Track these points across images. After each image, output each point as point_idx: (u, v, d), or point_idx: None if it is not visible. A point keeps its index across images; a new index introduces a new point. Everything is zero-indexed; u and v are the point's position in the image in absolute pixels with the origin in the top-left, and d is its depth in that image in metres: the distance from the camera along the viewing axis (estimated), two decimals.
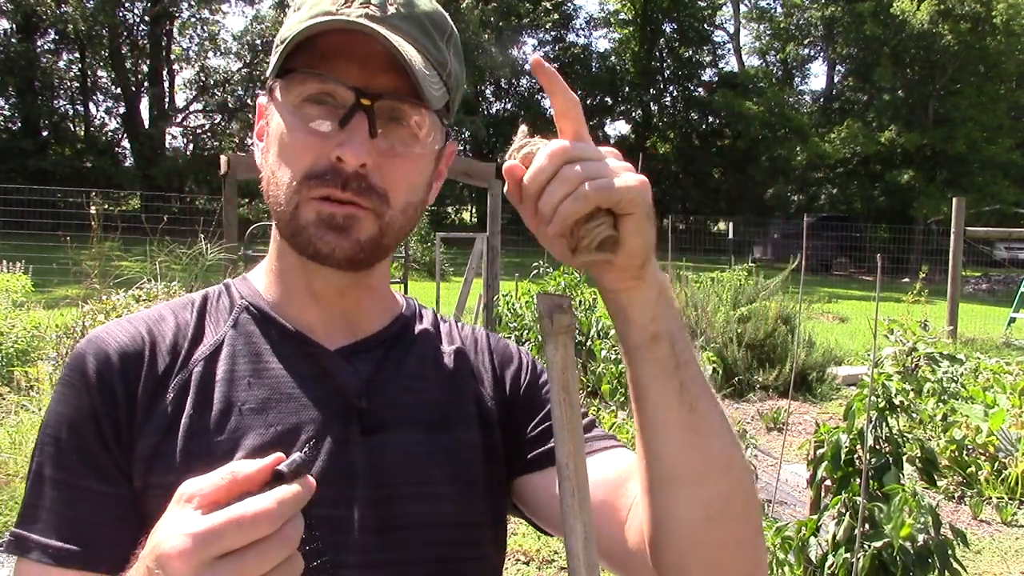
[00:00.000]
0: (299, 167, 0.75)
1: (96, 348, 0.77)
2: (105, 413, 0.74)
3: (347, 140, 0.73)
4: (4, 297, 7.00)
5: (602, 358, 5.63)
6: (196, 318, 0.83)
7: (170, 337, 0.80)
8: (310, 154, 0.75)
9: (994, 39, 26.90)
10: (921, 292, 9.79)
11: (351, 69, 0.74)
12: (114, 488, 0.74)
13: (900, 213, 28.32)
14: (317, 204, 0.75)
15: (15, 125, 27.80)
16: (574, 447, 0.63)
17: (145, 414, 0.75)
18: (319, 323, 0.83)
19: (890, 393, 2.73)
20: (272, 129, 0.79)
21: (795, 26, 34.77)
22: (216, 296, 0.86)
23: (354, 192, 0.74)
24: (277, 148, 0.77)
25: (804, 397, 7.64)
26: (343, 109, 0.74)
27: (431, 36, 0.78)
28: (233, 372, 0.78)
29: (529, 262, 8.91)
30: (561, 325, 0.63)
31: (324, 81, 0.74)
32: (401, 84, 0.74)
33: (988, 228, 17.51)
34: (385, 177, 0.76)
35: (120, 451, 0.74)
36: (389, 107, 0.75)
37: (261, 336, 0.81)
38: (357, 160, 0.73)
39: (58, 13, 25.56)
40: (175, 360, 0.78)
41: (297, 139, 0.75)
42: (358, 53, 0.74)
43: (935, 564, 2.53)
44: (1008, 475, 5.01)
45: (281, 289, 0.84)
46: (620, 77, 36.95)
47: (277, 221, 0.80)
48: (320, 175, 0.74)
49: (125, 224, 7.19)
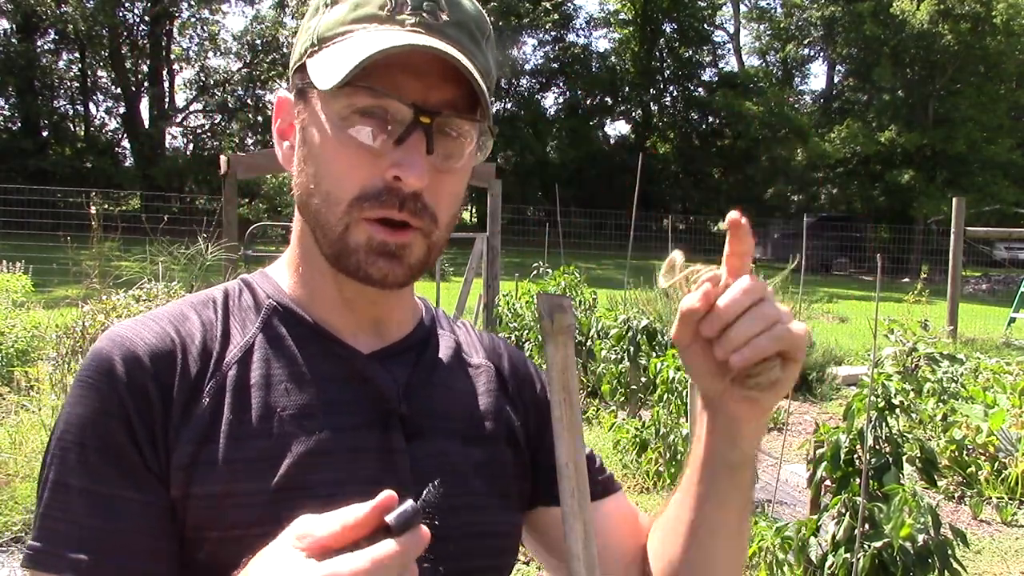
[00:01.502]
0: (351, 186, 0.72)
1: (123, 348, 0.72)
2: (138, 416, 0.69)
3: (406, 159, 0.70)
4: (4, 297, 7.01)
5: (602, 358, 5.63)
6: (221, 317, 0.78)
7: (199, 338, 0.75)
8: (363, 172, 0.71)
9: (994, 39, 26.91)
10: (921, 292, 9.80)
11: (408, 82, 0.70)
12: (151, 496, 0.69)
13: (900, 213, 28.34)
14: (369, 227, 0.72)
15: (15, 125, 27.82)
16: (574, 447, 0.64)
17: (181, 420, 0.70)
18: (347, 327, 0.80)
19: (890, 393, 2.73)
20: (313, 140, 0.74)
21: (795, 26, 34.78)
22: (237, 293, 0.82)
23: (410, 213, 0.72)
24: (321, 162, 0.73)
25: (804, 397, 7.64)
26: (398, 125, 0.71)
27: (478, 42, 0.76)
28: (269, 376, 0.75)
29: (529, 262, 8.91)
30: (561, 325, 0.63)
31: (378, 96, 0.70)
32: (457, 97, 0.72)
33: (988, 228, 17.52)
34: (435, 195, 0.74)
35: (155, 457, 0.69)
36: (443, 122, 0.72)
37: (292, 338, 0.78)
38: (420, 182, 0.70)
39: (58, 13, 25.58)
40: (207, 362, 0.74)
41: (346, 155, 0.72)
42: (413, 64, 0.70)
43: (935, 564, 2.53)
44: (1008, 475, 5.01)
45: (308, 291, 0.81)
46: (620, 77, 36.94)
47: (322, 238, 0.75)
48: (376, 196, 0.71)
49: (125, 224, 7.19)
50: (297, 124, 0.77)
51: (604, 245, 18.67)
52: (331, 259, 0.76)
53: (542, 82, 37.39)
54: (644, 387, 5.40)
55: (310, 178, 0.75)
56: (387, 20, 0.72)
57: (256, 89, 31.23)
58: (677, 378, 4.19)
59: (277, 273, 0.84)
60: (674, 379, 4.21)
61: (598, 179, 33.84)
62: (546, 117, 36.47)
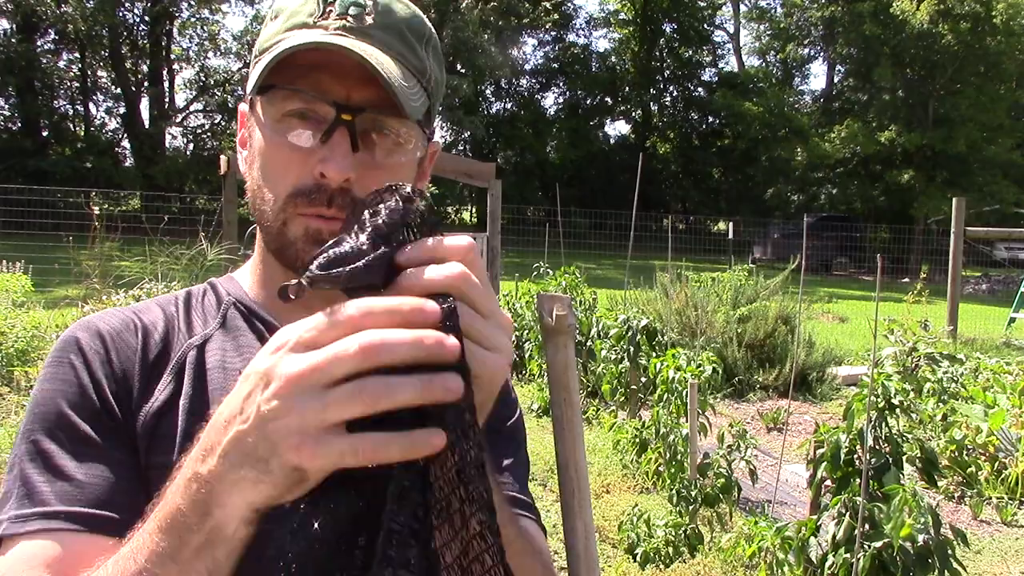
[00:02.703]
0: (284, 184, 0.76)
1: (89, 328, 0.78)
2: (107, 385, 0.74)
3: (329, 156, 0.73)
4: (4, 297, 7.00)
5: (602, 358, 5.63)
6: (183, 312, 0.85)
7: (161, 325, 0.82)
8: (294, 171, 0.75)
9: (994, 39, 26.89)
10: (921, 292, 9.80)
11: (331, 83, 0.74)
12: (129, 457, 0.73)
13: (900, 213, 28.33)
14: (305, 219, 0.76)
15: (15, 125, 27.81)
16: (574, 447, 0.64)
17: (141, 394, 0.75)
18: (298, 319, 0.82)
19: (890, 393, 2.73)
20: (255, 143, 0.80)
21: (795, 26, 34.75)
22: (201, 293, 0.88)
23: (339, 208, 0.74)
24: (261, 163, 0.79)
25: (804, 397, 7.64)
26: (325, 124, 0.74)
27: (410, 44, 0.78)
28: (225, 363, 0.79)
29: (529, 262, 8.91)
30: (562, 325, 0.63)
31: (304, 98, 0.74)
32: (381, 96, 0.74)
33: (988, 228, 17.51)
34: (368, 189, 0.74)
35: (125, 423, 0.74)
36: (370, 120, 0.76)
37: (249, 332, 0.83)
38: (340, 175, 0.73)
39: (58, 13, 25.54)
40: (167, 347, 0.80)
41: (280, 156, 0.76)
42: (337, 66, 0.74)
43: (935, 564, 2.53)
44: (1008, 475, 5.01)
45: (266, 290, 0.86)
46: (620, 77, 36.96)
47: (264, 235, 0.81)
48: (306, 193, 0.75)
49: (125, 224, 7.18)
50: (247, 132, 0.83)
51: (604, 245, 18.65)
52: (275, 254, 0.80)
53: (542, 82, 37.40)
54: (644, 387, 5.40)
55: (255, 181, 0.80)
56: (313, 27, 0.75)
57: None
58: (677, 378, 4.19)
59: (241, 276, 0.91)
60: (674, 379, 4.20)
61: (598, 179, 33.86)
62: (546, 117, 36.49)
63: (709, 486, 3.77)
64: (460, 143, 34.40)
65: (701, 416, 4.00)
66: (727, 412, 6.85)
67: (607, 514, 4.29)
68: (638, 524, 3.75)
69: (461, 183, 20.57)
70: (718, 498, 3.78)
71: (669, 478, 4.09)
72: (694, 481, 3.79)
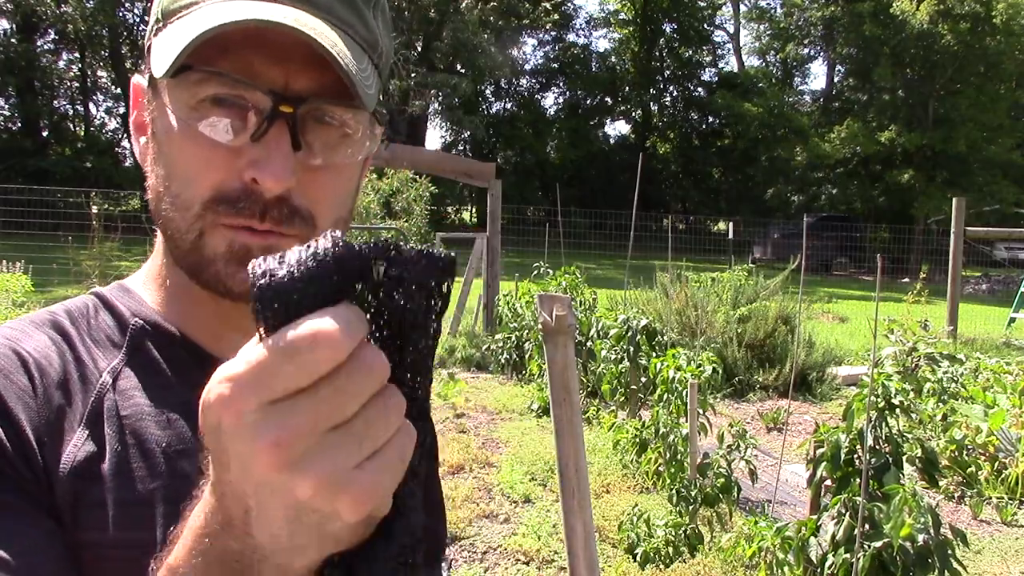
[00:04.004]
0: (202, 188, 0.61)
1: None
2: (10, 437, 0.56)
3: (264, 158, 0.59)
4: (4, 297, 7.01)
5: (602, 358, 5.63)
6: (77, 338, 0.66)
7: (55, 359, 0.63)
8: (215, 173, 0.60)
9: (994, 39, 26.91)
10: (921, 292, 9.80)
11: (265, 66, 0.59)
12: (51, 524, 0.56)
13: (900, 213, 28.35)
14: (228, 232, 0.61)
15: (15, 125, 27.83)
16: (574, 447, 0.63)
17: (50, 452, 0.58)
18: (226, 345, 0.66)
19: (890, 393, 2.73)
20: (160, 132, 0.63)
21: (795, 26, 34.79)
22: (92, 311, 0.69)
23: (274, 221, 0.61)
24: (168, 159, 0.63)
25: (804, 397, 7.65)
26: (254, 113, 0.60)
27: (358, 10, 0.64)
28: (148, 405, 0.64)
29: (529, 262, 8.91)
30: (561, 325, 0.63)
31: (230, 83, 0.59)
32: (326, 80, 0.60)
33: (988, 228, 17.53)
34: (310, 196, 0.62)
35: (39, 488, 0.57)
36: (313, 109, 0.61)
37: (166, 361, 0.67)
38: (279, 185, 0.59)
39: (58, 13, 25.55)
40: (68, 388, 0.62)
41: (197, 152, 0.61)
42: (272, 43, 0.59)
43: (935, 564, 2.53)
44: (1008, 475, 5.01)
45: (178, 306, 0.69)
46: (620, 77, 36.99)
47: (174, 249, 0.65)
48: (232, 201, 0.60)
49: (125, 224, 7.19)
50: (148, 117, 0.66)
51: (604, 245, 18.67)
52: (189, 273, 0.65)
53: (542, 82, 37.44)
54: (644, 387, 5.40)
55: (160, 179, 0.64)
56: None
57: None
58: (677, 378, 4.19)
59: (139, 286, 0.72)
60: (674, 379, 4.20)
61: (598, 179, 33.89)
62: (546, 117, 36.52)
63: (709, 486, 3.77)
64: (460, 143, 34.45)
65: (701, 416, 4.00)
66: (727, 412, 6.85)
67: (607, 514, 4.29)
68: (638, 524, 3.75)
69: (461, 183, 20.58)
70: (718, 498, 3.78)
71: (669, 478, 4.09)
72: (694, 481, 3.79)
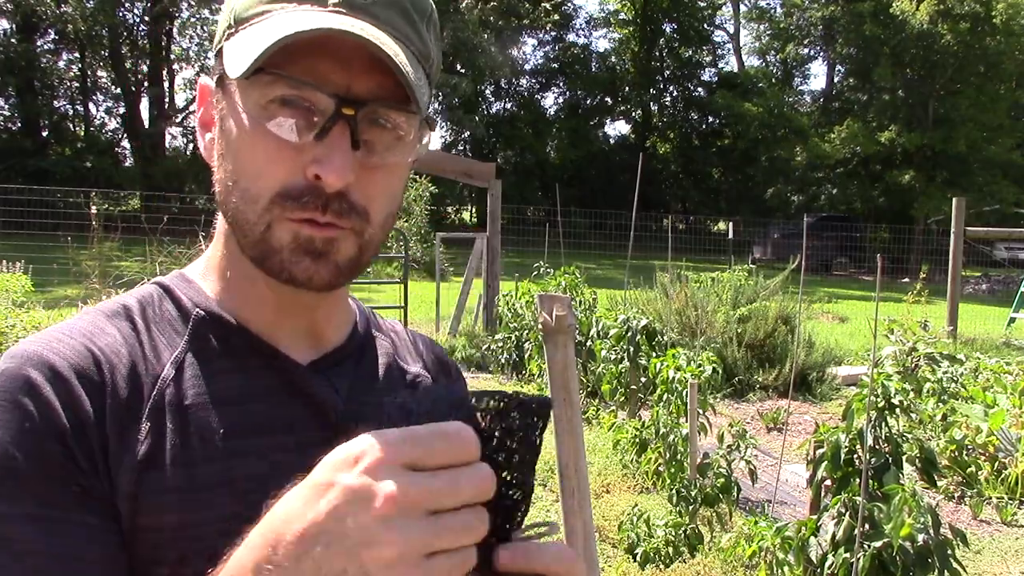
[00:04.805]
0: (270, 183, 0.66)
1: (40, 364, 0.63)
2: (74, 435, 0.61)
3: (326, 156, 0.64)
4: (4, 297, 7.00)
5: (602, 358, 5.63)
6: (143, 329, 0.71)
7: (125, 354, 0.68)
8: (282, 169, 0.66)
9: (994, 39, 26.90)
10: (921, 292, 9.80)
11: (330, 70, 0.65)
12: (106, 522, 0.61)
13: (900, 213, 28.34)
14: (294, 225, 0.67)
15: (15, 125, 27.82)
16: (574, 447, 0.63)
17: (118, 446, 0.63)
18: (282, 335, 0.74)
19: (890, 393, 2.73)
20: (228, 130, 0.69)
21: (795, 26, 34.77)
22: (156, 301, 0.74)
23: (335, 214, 0.66)
24: (238, 156, 0.68)
25: (804, 397, 7.65)
26: (319, 116, 0.65)
27: (414, 23, 0.70)
28: (207, 394, 0.68)
29: (529, 262, 8.91)
30: (561, 325, 0.63)
31: (297, 86, 0.64)
32: (386, 85, 0.66)
33: (988, 228, 17.53)
34: (366, 192, 0.68)
35: (99, 482, 0.61)
36: (371, 112, 0.67)
37: (225, 351, 0.72)
38: (340, 181, 0.65)
39: (58, 13, 25.54)
40: (137, 381, 0.66)
41: (265, 150, 0.66)
42: (336, 50, 0.64)
43: (935, 564, 2.53)
44: (1008, 475, 5.01)
45: (237, 297, 0.74)
46: (620, 77, 36.97)
47: (243, 239, 0.70)
48: (296, 196, 0.66)
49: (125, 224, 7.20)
50: (216, 115, 0.71)
51: (604, 245, 18.67)
52: (255, 261, 0.70)
53: (542, 82, 37.41)
54: (644, 387, 5.40)
55: (228, 174, 0.69)
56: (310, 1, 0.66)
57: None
58: (677, 378, 4.19)
59: (199, 277, 0.77)
60: (674, 379, 4.20)
61: (598, 179, 33.88)
62: (546, 117, 36.49)
63: (709, 486, 3.77)
64: (460, 143, 34.40)
65: (701, 416, 4.00)
66: (727, 412, 6.85)
67: (607, 514, 4.29)
68: (638, 524, 3.75)
69: (461, 183, 20.56)
70: (718, 498, 3.78)
71: (669, 478, 4.09)
72: (694, 481, 3.79)
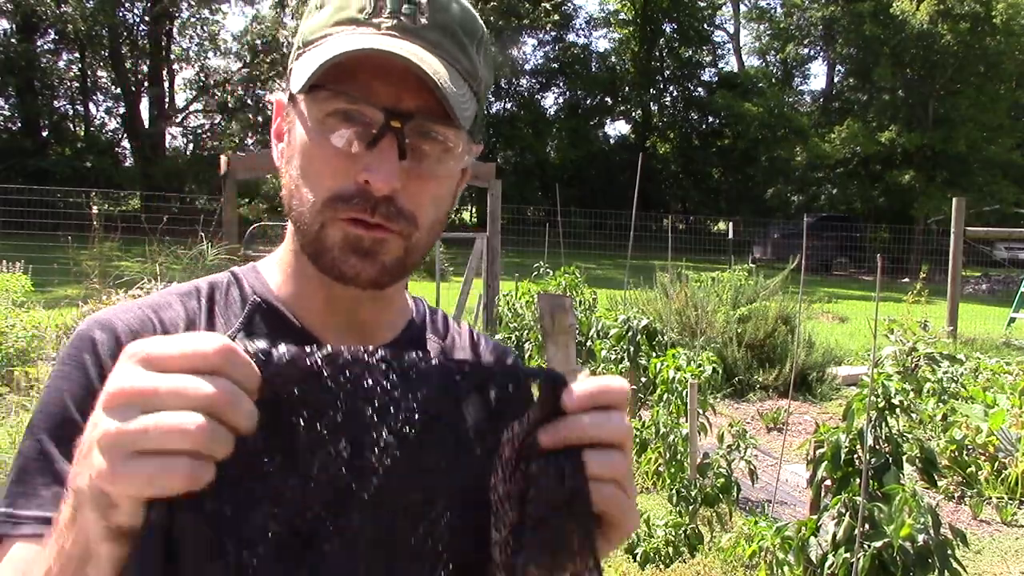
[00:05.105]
0: (324, 187, 0.73)
1: (104, 327, 0.74)
2: None
3: (375, 164, 0.71)
4: (4, 297, 7.00)
5: (602, 358, 5.63)
6: (206, 308, 0.80)
7: (182, 326, 0.77)
8: (336, 175, 0.73)
9: (994, 39, 26.89)
10: (921, 292, 9.80)
11: (380, 87, 0.72)
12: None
13: (900, 213, 28.32)
14: (345, 225, 0.73)
15: (15, 125, 27.82)
16: None
17: None
18: (331, 329, 0.81)
19: (890, 393, 2.73)
20: (295, 140, 0.77)
21: (795, 26, 34.75)
22: (225, 287, 0.83)
23: (383, 217, 0.72)
24: (300, 162, 0.76)
25: (804, 397, 7.64)
26: (371, 128, 0.72)
27: (462, 45, 0.76)
28: None
29: (529, 262, 8.91)
30: (562, 325, 0.63)
31: (352, 100, 0.72)
32: (432, 102, 0.72)
33: (988, 228, 17.52)
34: (413, 199, 0.74)
35: None
36: (419, 126, 0.73)
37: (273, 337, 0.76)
38: (387, 187, 0.71)
39: (58, 13, 25.55)
40: None
41: (322, 157, 0.73)
42: (387, 68, 0.71)
43: (935, 564, 2.53)
44: (1008, 475, 5.01)
45: (296, 290, 0.82)
46: (620, 77, 36.94)
47: (301, 237, 0.78)
48: (347, 198, 0.72)
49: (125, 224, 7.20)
50: (286, 127, 0.79)
51: (604, 245, 18.66)
52: (310, 258, 0.77)
53: (542, 82, 37.38)
54: (644, 387, 5.39)
55: (292, 179, 0.77)
56: (364, 23, 0.73)
57: (256, 89, 31.19)
58: (677, 378, 4.19)
59: (267, 270, 0.85)
60: (674, 379, 4.20)
61: (598, 179, 33.85)
62: (546, 117, 36.45)
63: (709, 486, 3.77)
64: None
65: (701, 416, 4.00)
66: (727, 412, 6.85)
67: None
68: None
69: None
70: (718, 498, 3.78)
71: (669, 478, 4.09)
72: (694, 481, 3.79)
